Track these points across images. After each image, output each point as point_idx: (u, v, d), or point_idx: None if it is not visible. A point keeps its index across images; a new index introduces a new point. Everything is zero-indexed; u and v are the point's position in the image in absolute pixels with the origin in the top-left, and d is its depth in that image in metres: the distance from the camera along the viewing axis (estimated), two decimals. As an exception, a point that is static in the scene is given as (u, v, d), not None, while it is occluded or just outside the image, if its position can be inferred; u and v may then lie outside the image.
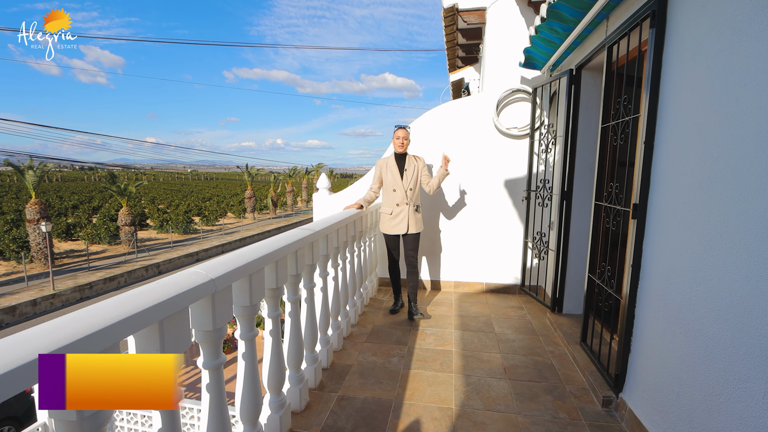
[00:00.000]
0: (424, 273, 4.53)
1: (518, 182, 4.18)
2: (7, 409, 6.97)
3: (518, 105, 4.10)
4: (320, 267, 2.64)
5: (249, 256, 1.59)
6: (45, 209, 19.82)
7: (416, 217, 3.59)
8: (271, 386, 1.98)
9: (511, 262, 4.32)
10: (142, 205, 39.05)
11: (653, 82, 1.92)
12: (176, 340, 1.19)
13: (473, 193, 4.32)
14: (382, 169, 3.63)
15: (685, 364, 1.64)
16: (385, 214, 3.64)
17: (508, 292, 4.35)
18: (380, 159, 3.73)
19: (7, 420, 6.90)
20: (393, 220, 3.58)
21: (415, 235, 3.60)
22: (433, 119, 4.31)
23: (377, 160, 3.77)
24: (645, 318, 1.99)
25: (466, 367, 2.72)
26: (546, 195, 3.72)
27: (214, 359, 1.44)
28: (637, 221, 2.04)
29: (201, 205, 42.06)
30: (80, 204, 38.30)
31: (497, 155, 4.21)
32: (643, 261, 2.02)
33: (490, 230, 4.33)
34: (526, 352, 2.95)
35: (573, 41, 2.97)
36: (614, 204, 2.35)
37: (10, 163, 19.48)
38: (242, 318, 1.67)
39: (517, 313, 3.77)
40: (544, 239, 3.79)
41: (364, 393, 2.41)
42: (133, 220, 24.69)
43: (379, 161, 3.70)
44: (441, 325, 3.46)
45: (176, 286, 1.19)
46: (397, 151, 3.58)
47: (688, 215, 1.64)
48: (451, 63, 6.17)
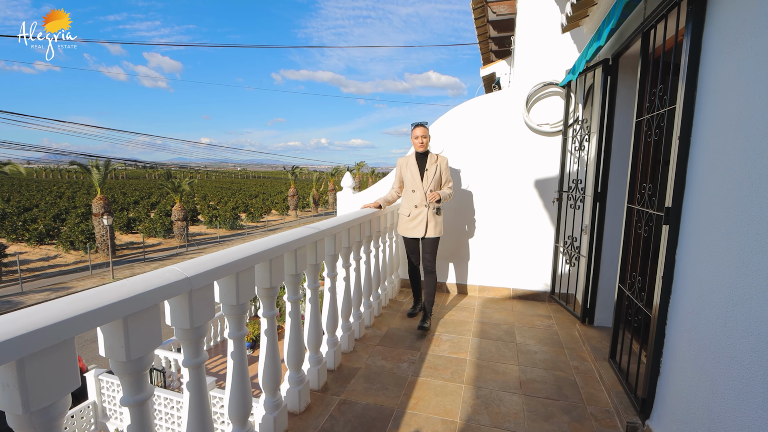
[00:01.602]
0: (448, 276, 4.37)
1: (549, 182, 3.91)
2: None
3: (550, 100, 3.83)
4: (328, 267, 2.60)
5: (235, 255, 1.57)
6: (108, 204, 21.58)
7: (436, 220, 3.39)
8: (266, 386, 1.95)
9: (540, 268, 4.06)
10: (195, 202, 41.53)
11: (690, 67, 1.68)
12: (144, 336, 1.18)
13: (501, 193, 4.09)
14: (402, 168, 3.50)
15: (718, 394, 1.40)
16: (403, 216, 3.49)
17: (537, 299, 4.08)
18: (401, 158, 3.60)
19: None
20: (411, 222, 3.42)
21: (433, 240, 3.40)
22: (458, 117, 4.14)
23: (398, 158, 3.67)
24: (676, 338, 1.75)
25: (479, 378, 2.56)
26: (578, 196, 3.44)
27: (194, 357, 1.43)
28: (669, 227, 1.79)
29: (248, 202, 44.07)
30: (140, 200, 41.41)
31: (527, 154, 3.96)
32: (676, 273, 1.78)
33: (518, 233, 4.09)
34: (548, 366, 2.73)
35: (608, 27, 2.70)
36: (646, 207, 2.10)
37: (76, 163, 21.45)
38: (231, 317, 1.66)
39: (544, 322, 3.52)
40: (576, 244, 3.51)
41: (366, 398, 2.33)
42: (185, 215, 26.30)
43: (400, 160, 3.58)
44: (459, 332, 3.30)
45: (144, 284, 1.18)
46: (417, 150, 3.42)
47: (726, 222, 1.41)
48: (485, 57, 5.92)
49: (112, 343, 1.15)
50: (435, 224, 3.38)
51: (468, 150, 4.14)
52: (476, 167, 4.13)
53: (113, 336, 1.14)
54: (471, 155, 4.14)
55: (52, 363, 0.94)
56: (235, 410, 1.70)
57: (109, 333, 1.14)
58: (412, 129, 3.43)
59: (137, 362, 1.18)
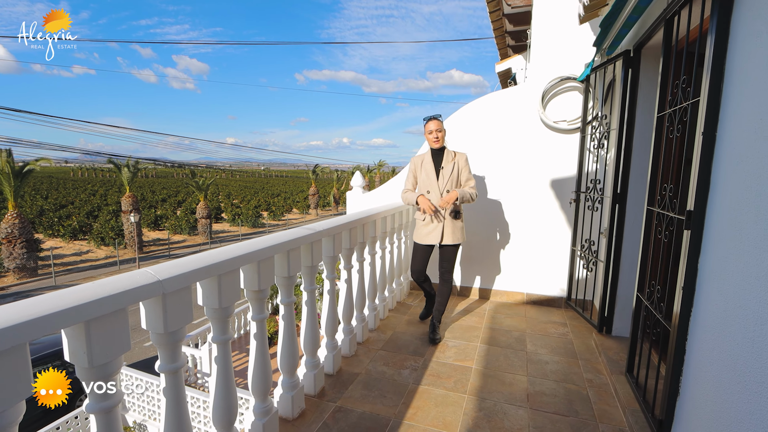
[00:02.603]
0: (457, 278, 4.23)
1: (566, 182, 3.71)
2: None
3: (568, 95, 3.63)
4: (327, 269, 2.52)
5: (217, 257, 1.51)
6: (136, 202, 22.35)
7: (454, 225, 3.04)
8: (255, 391, 1.89)
9: (556, 272, 3.86)
10: (219, 200, 42.56)
11: (716, 53, 1.50)
12: (109, 342, 1.12)
13: (515, 193, 3.92)
14: (417, 167, 3.19)
15: (744, 425, 1.24)
16: (418, 220, 3.16)
17: (552, 305, 3.89)
18: (415, 156, 3.31)
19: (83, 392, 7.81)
20: (426, 227, 3.08)
21: (452, 247, 3.07)
22: (470, 114, 3.99)
23: (412, 157, 3.41)
24: (697, 355, 1.57)
25: (483, 389, 2.42)
26: (597, 197, 3.24)
27: (170, 363, 1.37)
28: (691, 233, 1.62)
29: (269, 200, 44.81)
30: (168, 198, 42.77)
31: (543, 152, 3.77)
32: (698, 283, 1.60)
33: (533, 235, 3.91)
34: (559, 378, 2.56)
35: (630, 14, 2.51)
36: (667, 210, 1.92)
37: (111, 161, 22.33)
38: (214, 320, 1.60)
39: (558, 330, 3.34)
40: (593, 248, 3.31)
41: (363, 406, 2.24)
42: (209, 213, 26.96)
43: (414, 158, 3.26)
44: (466, 338, 3.16)
45: (111, 287, 1.13)
46: (432, 146, 3.12)
47: (755, 227, 1.24)
48: (503, 53, 5.71)
49: (75, 348, 1.10)
50: (453, 229, 3.03)
51: (481, 148, 3.98)
52: (490, 166, 3.98)
53: (76, 341, 1.09)
54: (484, 154, 3.98)
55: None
56: (218, 417, 1.64)
57: (72, 337, 1.10)
58: (425, 123, 3.09)
59: (102, 368, 1.13)
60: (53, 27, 4.04)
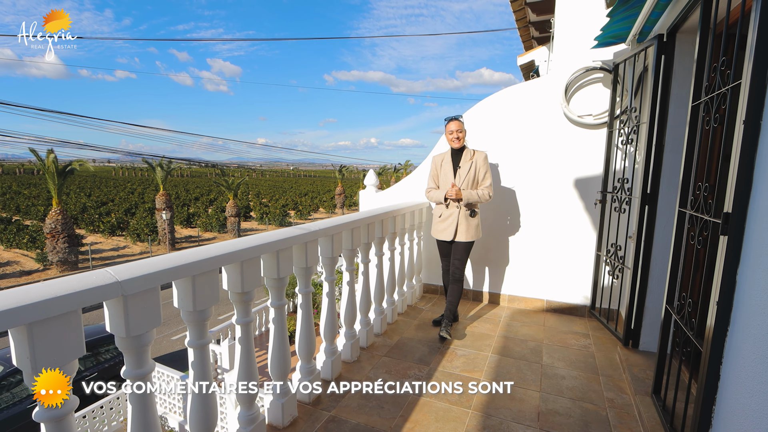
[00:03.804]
0: (473, 282, 4.02)
1: (591, 182, 3.44)
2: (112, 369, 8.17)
3: (593, 87, 3.35)
4: (326, 270, 2.41)
5: (191, 257, 1.42)
6: (169, 200, 23.20)
7: (468, 223, 3.09)
8: (241, 399, 1.80)
9: (579, 278, 3.59)
10: (248, 199, 43.66)
11: (762, 29, 1.27)
12: (56, 346, 1.05)
13: (535, 192, 3.68)
14: (438, 165, 3.25)
15: (790, 473, 1.02)
16: (435, 216, 3.26)
17: (574, 313, 3.62)
18: (436, 154, 3.33)
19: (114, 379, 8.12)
20: (442, 223, 3.18)
21: (464, 245, 3.12)
22: (487, 109, 3.78)
23: (433, 156, 3.38)
24: (734, 383, 1.34)
25: (490, 404, 2.23)
26: (624, 198, 2.97)
27: (136, 368, 1.29)
28: (728, 238, 1.39)
29: (297, 200, 45.57)
30: (200, 196, 44.31)
31: (566, 149, 3.51)
32: (736, 298, 1.37)
33: (554, 237, 3.65)
34: (576, 396, 2.33)
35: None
36: (701, 212, 1.68)
37: (146, 161, 23.31)
38: (190, 323, 1.51)
39: (579, 341, 3.08)
40: (620, 253, 3.03)
41: (358, 417, 2.11)
42: (238, 211, 27.65)
43: (435, 157, 3.31)
44: (477, 347, 2.97)
45: (59, 287, 1.05)
46: (453, 146, 3.17)
47: (807, 234, 1.01)
48: (527, 45, 5.42)
49: (20, 353, 1.03)
50: (467, 227, 3.09)
51: (499, 145, 3.76)
52: (508, 164, 3.75)
53: (20, 345, 1.02)
54: (503, 150, 3.76)
55: None
56: (196, 427, 1.56)
57: (17, 341, 1.03)
58: (446, 124, 3.18)
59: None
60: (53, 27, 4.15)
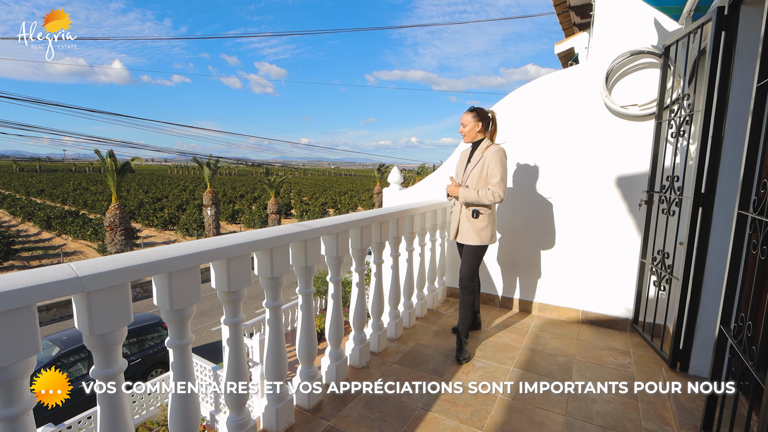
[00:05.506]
0: (499, 287, 3.75)
1: (634, 180, 3.06)
2: (156, 355, 8.58)
3: (640, 74, 2.98)
4: (331, 270, 2.29)
5: (168, 253, 1.34)
6: (216, 197, 24.31)
7: (470, 224, 2.76)
8: (229, 402, 1.72)
9: (620, 288, 3.22)
10: (290, 197, 44.96)
11: None
12: (10, 343, 0.99)
13: (571, 192, 3.35)
14: (459, 160, 3.05)
15: None
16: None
17: (614, 327, 3.25)
18: (464, 149, 3.10)
19: (157, 365, 8.54)
20: (451, 222, 3.00)
21: (469, 248, 2.79)
22: (519, 100, 3.49)
23: (461, 150, 3.20)
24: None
25: (505, 426, 2.01)
26: (674, 198, 2.60)
27: (104, 368, 1.23)
28: (800, 249, 1.09)
29: (336, 198, 46.31)
30: (245, 194, 46.24)
31: (606, 143, 3.16)
32: (810, 325, 1.07)
33: (593, 242, 3.30)
34: (608, 424, 2.05)
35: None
36: (765, 215, 1.37)
37: (195, 159, 24.61)
38: (170, 323, 1.44)
39: (618, 359, 2.74)
40: (668, 261, 2.66)
41: (357, 430, 1.96)
42: (279, 209, 28.52)
43: (462, 152, 3.09)
44: (498, 359, 2.73)
45: (8, 282, 0.99)
46: (464, 141, 2.93)
47: None
48: (567, 33, 5.01)
49: (-33, 348, 0.99)
50: (468, 229, 2.77)
51: (531, 139, 3.47)
52: (541, 160, 3.45)
53: (-32, 341, 0.98)
54: (534, 146, 3.46)
55: None
56: (176, 429, 1.49)
57: (-37, 338, 0.98)
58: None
59: (3, 372, 1.00)
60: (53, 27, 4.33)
